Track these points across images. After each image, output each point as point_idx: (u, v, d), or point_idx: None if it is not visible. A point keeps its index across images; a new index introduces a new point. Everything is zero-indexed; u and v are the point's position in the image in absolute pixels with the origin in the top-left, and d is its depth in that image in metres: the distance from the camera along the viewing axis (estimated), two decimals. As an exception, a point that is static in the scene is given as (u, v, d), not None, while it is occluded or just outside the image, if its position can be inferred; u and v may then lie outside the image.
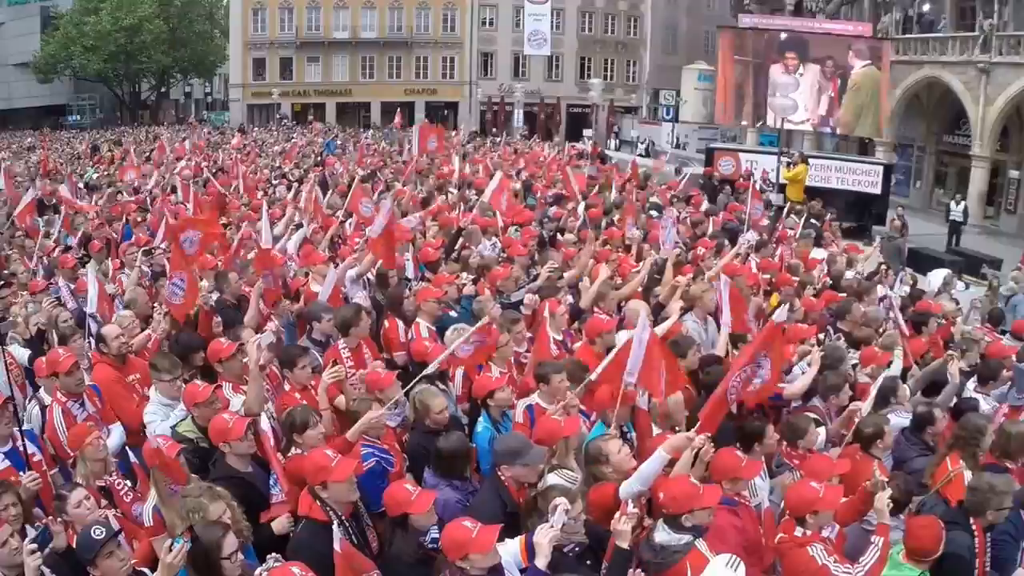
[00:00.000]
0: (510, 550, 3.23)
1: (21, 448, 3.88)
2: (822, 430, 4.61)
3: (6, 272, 7.50)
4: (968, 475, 4.12)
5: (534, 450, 3.82)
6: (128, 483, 3.93)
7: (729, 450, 3.84)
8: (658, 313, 6.19)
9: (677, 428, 4.38)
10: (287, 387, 4.73)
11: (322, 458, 3.54)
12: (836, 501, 3.55)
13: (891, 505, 3.63)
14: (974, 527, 3.79)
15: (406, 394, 4.62)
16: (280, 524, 3.69)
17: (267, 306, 5.81)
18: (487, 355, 4.99)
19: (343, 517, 3.51)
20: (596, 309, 6.10)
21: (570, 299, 6.41)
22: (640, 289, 6.79)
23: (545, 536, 3.03)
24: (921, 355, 5.95)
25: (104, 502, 3.69)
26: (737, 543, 3.45)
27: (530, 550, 3.13)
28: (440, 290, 6.09)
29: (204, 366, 4.85)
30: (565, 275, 6.90)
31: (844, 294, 7.56)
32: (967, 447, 4.32)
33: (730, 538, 3.48)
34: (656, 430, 4.45)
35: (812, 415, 4.76)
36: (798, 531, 3.48)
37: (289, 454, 4.01)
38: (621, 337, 5.41)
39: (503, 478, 3.77)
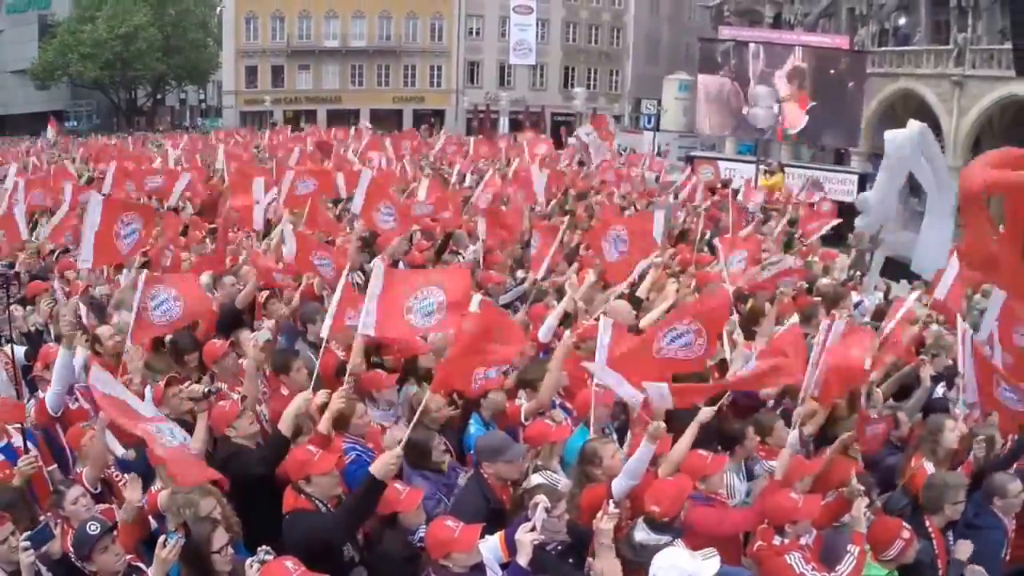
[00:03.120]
0: (490, 546, 3.28)
1: (18, 444, 3.94)
2: (795, 431, 4.61)
3: (12, 272, 7.53)
4: (930, 467, 4.25)
5: (515, 447, 3.92)
6: (126, 476, 4.01)
7: (693, 452, 3.93)
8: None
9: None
10: (284, 392, 4.73)
11: (304, 453, 3.62)
12: (814, 512, 3.61)
13: (869, 512, 3.66)
14: (930, 528, 3.85)
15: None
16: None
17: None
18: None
19: (331, 508, 3.58)
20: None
21: (555, 303, 6.53)
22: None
23: (527, 535, 3.11)
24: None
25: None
26: (706, 535, 3.51)
27: (510, 546, 3.20)
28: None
29: (197, 367, 4.92)
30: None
31: (819, 299, 7.68)
32: (926, 444, 4.43)
33: (698, 530, 3.56)
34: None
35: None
36: (776, 539, 3.54)
37: None
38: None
39: (485, 475, 3.85)
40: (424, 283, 4.43)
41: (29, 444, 4.02)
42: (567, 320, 6.06)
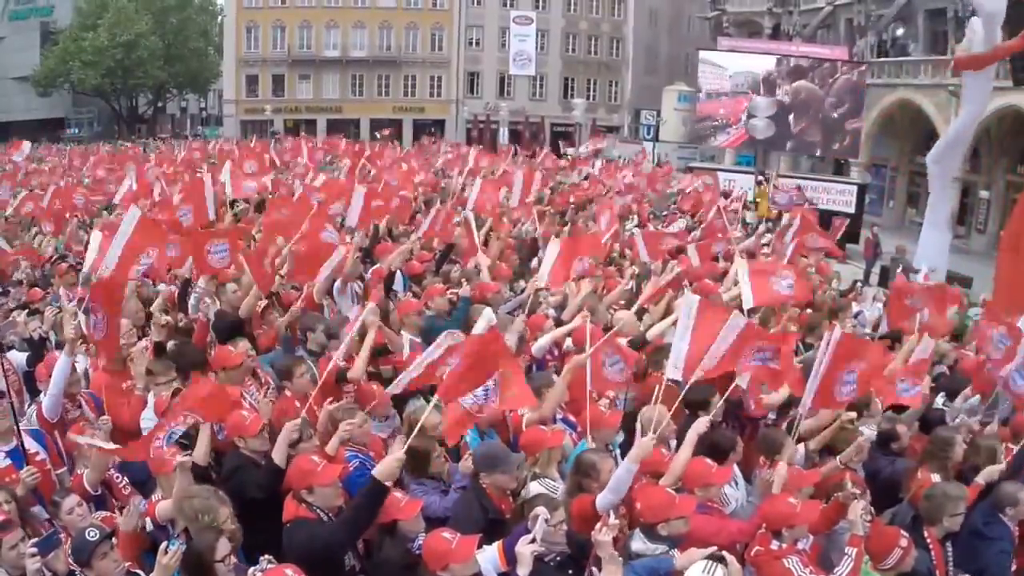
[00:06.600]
0: (488, 556, 3.25)
1: (28, 448, 3.94)
2: (801, 446, 4.62)
3: (13, 279, 7.58)
4: (937, 479, 4.25)
5: (512, 457, 3.94)
6: (126, 478, 4.02)
7: (699, 459, 3.95)
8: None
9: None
10: (287, 394, 4.76)
11: (307, 463, 3.60)
12: (812, 517, 3.62)
13: (865, 516, 3.63)
14: (928, 539, 3.85)
15: (396, 405, 4.75)
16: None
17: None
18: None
19: (332, 518, 3.57)
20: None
21: (552, 312, 6.57)
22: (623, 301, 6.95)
23: (527, 546, 3.09)
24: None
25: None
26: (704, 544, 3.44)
27: (509, 557, 3.19)
28: (421, 302, 6.24)
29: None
30: (550, 294, 7.03)
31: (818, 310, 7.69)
32: (936, 459, 4.45)
33: (696, 539, 3.51)
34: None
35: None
36: (774, 544, 3.53)
37: None
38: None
39: (484, 485, 3.84)
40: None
41: (38, 447, 4.05)
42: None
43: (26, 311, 6.42)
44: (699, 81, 24.85)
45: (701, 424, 4.14)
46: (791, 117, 23.70)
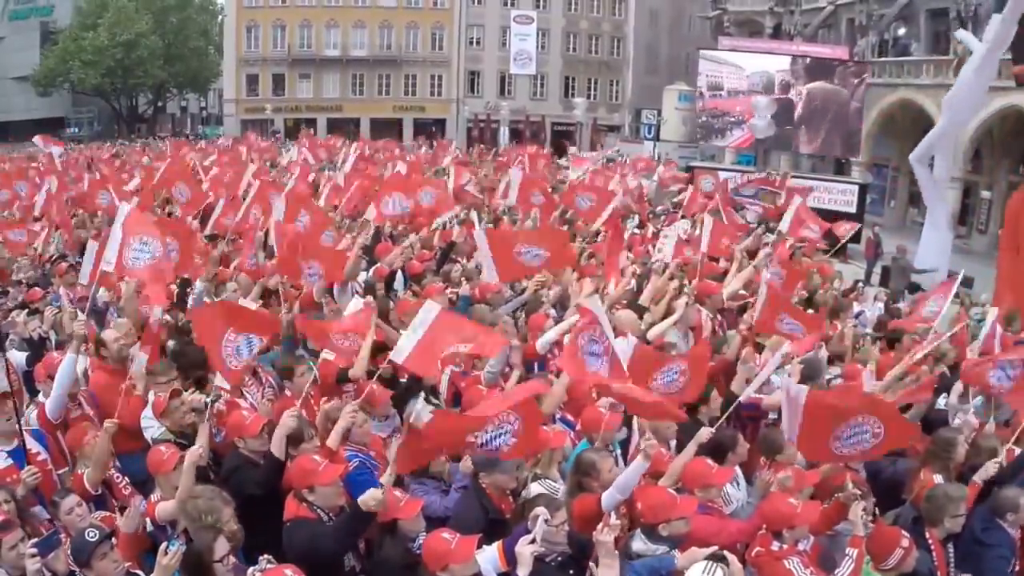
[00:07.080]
0: (488, 557, 3.26)
1: (30, 448, 3.94)
2: None
3: (12, 280, 7.60)
4: (940, 480, 4.27)
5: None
6: (127, 478, 4.02)
7: (699, 459, 3.96)
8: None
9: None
10: (288, 393, 4.79)
11: (309, 463, 3.63)
12: (813, 517, 3.63)
13: (866, 516, 3.65)
14: (930, 540, 3.85)
15: (396, 405, 4.75)
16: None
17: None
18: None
19: (333, 518, 3.59)
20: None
21: (553, 312, 6.56)
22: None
23: (527, 547, 3.09)
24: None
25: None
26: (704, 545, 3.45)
27: (509, 557, 3.19)
28: (420, 301, 6.25)
29: (200, 378, 4.91)
30: (550, 292, 7.03)
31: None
32: (939, 460, 4.45)
33: (697, 540, 3.51)
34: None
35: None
36: (775, 545, 3.55)
37: None
38: (619, 346, 5.54)
39: (484, 485, 3.87)
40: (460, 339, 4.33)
41: (39, 446, 4.05)
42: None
43: (26, 311, 6.42)
44: (721, 80, 24.69)
45: (704, 434, 4.15)
46: (805, 119, 23.65)
